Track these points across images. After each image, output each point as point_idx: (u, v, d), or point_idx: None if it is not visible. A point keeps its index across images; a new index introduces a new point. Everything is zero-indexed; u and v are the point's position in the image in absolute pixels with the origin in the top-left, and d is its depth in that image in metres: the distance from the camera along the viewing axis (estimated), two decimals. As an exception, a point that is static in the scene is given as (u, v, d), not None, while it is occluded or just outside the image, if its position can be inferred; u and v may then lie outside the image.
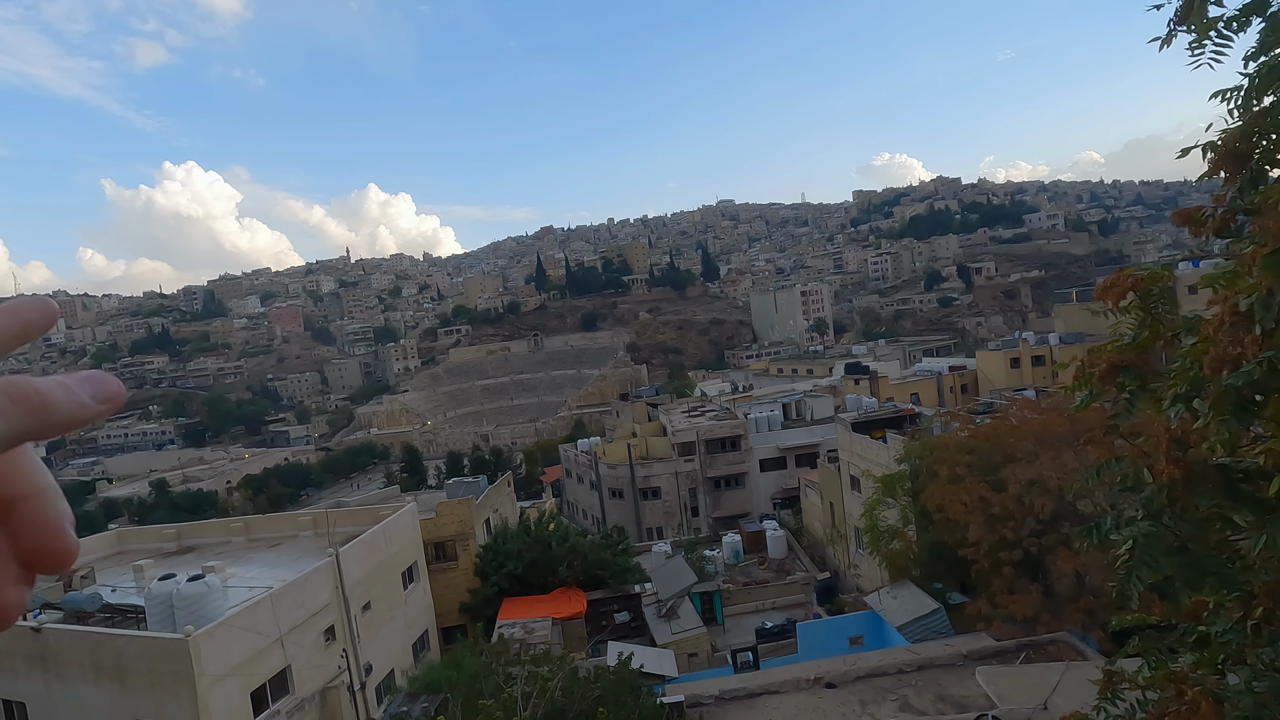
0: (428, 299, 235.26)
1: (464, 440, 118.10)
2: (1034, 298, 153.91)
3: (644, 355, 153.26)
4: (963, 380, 62.80)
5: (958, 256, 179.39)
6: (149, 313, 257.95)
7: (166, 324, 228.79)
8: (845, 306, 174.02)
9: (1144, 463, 3.97)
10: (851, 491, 31.59)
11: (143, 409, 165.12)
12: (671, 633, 25.12)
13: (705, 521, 48.40)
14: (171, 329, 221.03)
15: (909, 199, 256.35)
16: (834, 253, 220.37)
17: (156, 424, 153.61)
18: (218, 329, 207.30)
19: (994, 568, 19.09)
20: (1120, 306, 4.34)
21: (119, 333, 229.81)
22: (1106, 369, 4.36)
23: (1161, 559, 3.67)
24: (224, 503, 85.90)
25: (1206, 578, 3.73)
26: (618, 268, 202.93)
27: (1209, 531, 3.92)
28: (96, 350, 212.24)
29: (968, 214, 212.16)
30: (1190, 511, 3.77)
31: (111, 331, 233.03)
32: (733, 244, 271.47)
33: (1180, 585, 3.79)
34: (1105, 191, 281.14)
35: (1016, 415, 23.34)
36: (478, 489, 32.58)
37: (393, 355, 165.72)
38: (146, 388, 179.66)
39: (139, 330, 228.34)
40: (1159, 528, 3.71)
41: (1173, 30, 3.85)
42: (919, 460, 23.35)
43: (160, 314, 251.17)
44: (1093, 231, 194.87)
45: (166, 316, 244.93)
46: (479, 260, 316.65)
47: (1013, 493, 19.02)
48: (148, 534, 31.64)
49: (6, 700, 18.96)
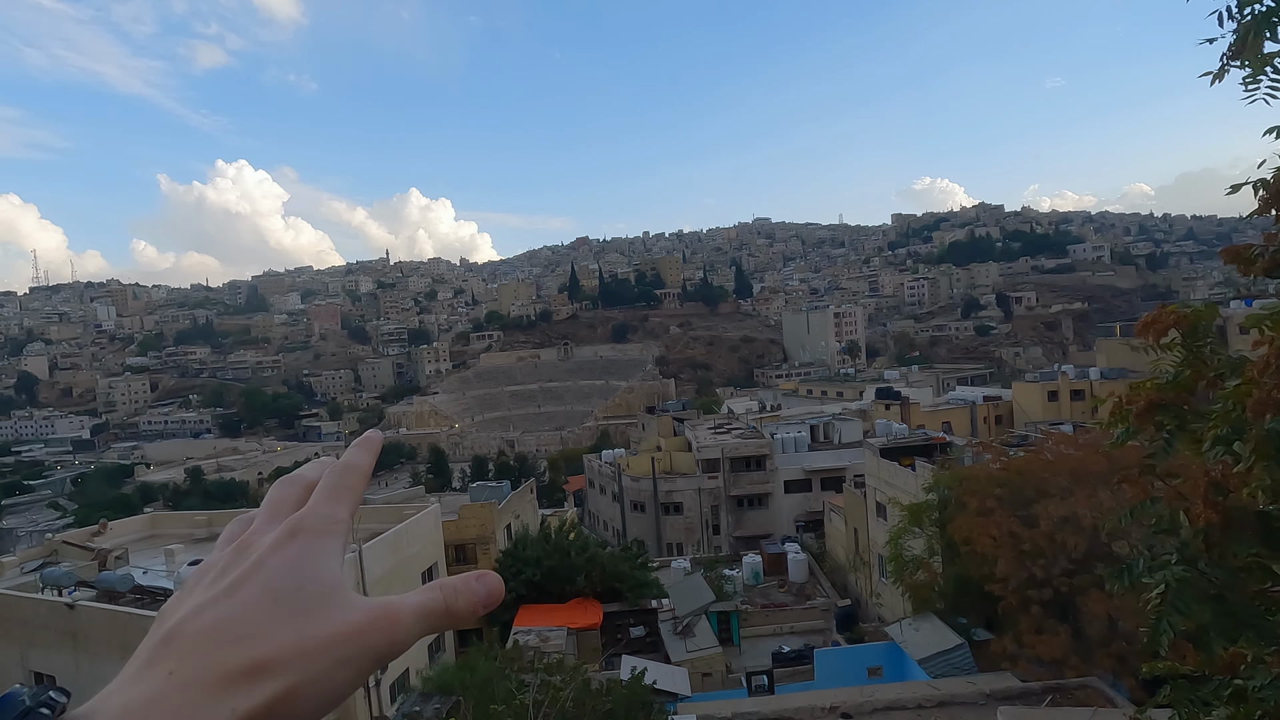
0: (462, 303, 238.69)
1: (490, 444, 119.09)
2: (1075, 330, 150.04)
3: (673, 369, 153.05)
4: (997, 411, 61.42)
5: (997, 285, 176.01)
6: (195, 304, 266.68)
7: (211, 316, 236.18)
8: (879, 330, 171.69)
9: (1180, 505, 3.85)
10: (877, 518, 31.02)
11: (183, 398, 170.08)
12: (686, 651, 24.86)
13: (726, 540, 47.95)
14: (215, 321, 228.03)
15: (949, 224, 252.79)
16: (870, 275, 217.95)
17: (195, 413, 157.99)
18: (259, 323, 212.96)
19: (1022, 605, 18.53)
20: (1161, 344, 4.23)
21: (165, 322, 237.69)
22: (1145, 407, 4.25)
23: (1195, 606, 3.54)
24: (254, 493, 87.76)
25: (1243, 629, 3.59)
26: (651, 281, 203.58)
27: (1247, 580, 3.78)
28: (143, 338, 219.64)
29: (1009, 242, 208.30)
30: (1228, 558, 3.64)
31: (159, 321, 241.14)
32: (767, 262, 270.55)
33: (1215, 635, 3.65)
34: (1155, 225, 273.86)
35: (1052, 449, 22.73)
36: (501, 494, 32.80)
37: (425, 357, 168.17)
38: (188, 377, 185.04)
39: (184, 321, 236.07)
40: (1193, 574, 3.58)
41: (1225, 65, 3.76)
42: (948, 490, 22.85)
43: (205, 306, 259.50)
44: (1140, 265, 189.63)
45: (211, 309, 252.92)
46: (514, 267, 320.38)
47: (1044, 529, 18.48)
48: (180, 519, 32.50)
49: (38, 673, 19.58)
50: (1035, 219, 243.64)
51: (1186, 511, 3.73)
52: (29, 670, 19.69)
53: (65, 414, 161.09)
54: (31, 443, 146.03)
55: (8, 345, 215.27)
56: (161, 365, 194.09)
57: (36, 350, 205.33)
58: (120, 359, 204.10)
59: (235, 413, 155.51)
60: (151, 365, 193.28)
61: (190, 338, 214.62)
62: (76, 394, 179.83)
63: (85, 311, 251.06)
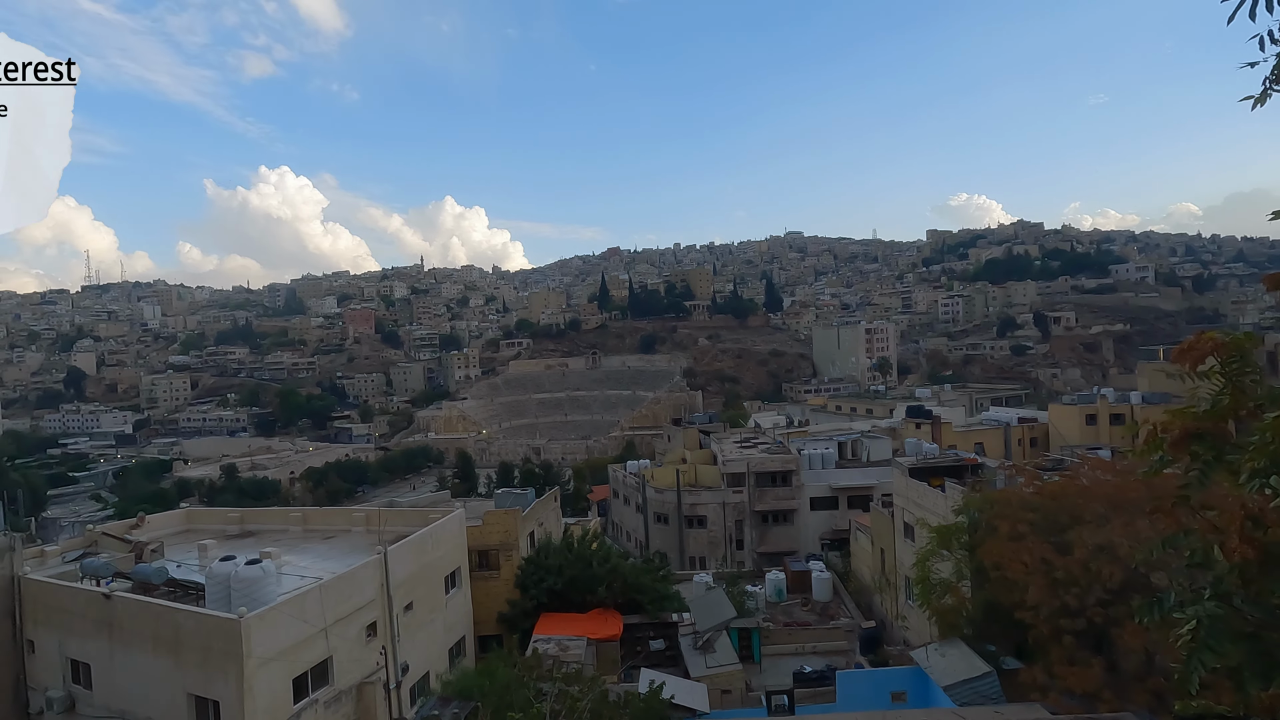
0: (493, 311, 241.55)
1: (516, 451, 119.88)
2: (1116, 352, 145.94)
3: (700, 381, 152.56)
4: (1032, 433, 59.91)
5: (1035, 304, 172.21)
6: (236, 306, 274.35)
7: (250, 318, 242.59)
8: (911, 348, 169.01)
9: (1216, 539, 3.73)
10: (904, 539, 30.43)
11: (221, 396, 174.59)
12: (706, 666, 24.60)
13: (749, 555, 47.46)
14: (254, 323, 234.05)
15: (986, 241, 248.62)
16: (903, 291, 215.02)
17: (232, 411, 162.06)
18: (296, 325, 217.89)
19: (1054, 635, 17.97)
20: (1198, 371, 4.11)
21: (207, 323, 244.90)
22: (1180, 435, 4.13)
23: (1228, 645, 3.41)
24: (286, 492, 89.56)
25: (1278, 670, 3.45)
26: (680, 292, 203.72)
27: (1285, 620, 3.63)
28: (186, 338, 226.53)
29: (1048, 260, 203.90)
30: (1264, 596, 3.51)
31: (201, 321, 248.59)
32: (798, 276, 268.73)
33: (1249, 675, 3.51)
34: (1202, 246, 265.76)
35: (1088, 475, 22.08)
36: (525, 501, 32.94)
37: (455, 363, 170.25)
38: (227, 376, 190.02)
39: (225, 322, 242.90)
40: (1226, 610, 3.46)
41: (1269, 89, 3.68)
42: (978, 513, 22.32)
43: (245, 308, 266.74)
44: (1186, 287, 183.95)
45: (251, 310, 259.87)
46: (545, 276, 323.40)
47: (1079, 557, 17.93)
48: (214, 515, 33.25)
49: (74, 660, 20.16)
50: (1076, 238, 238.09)
51: (1221, 545, 3.61)
52: (65, 657, 20.30)
53: (110, 409, 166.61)
54: (77, 436, 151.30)
55: (59, 341, 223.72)
56: (202, 364, 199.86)
57: (86, 347, 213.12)
58: (163, 357, 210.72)
59: (270, 412, 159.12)
60: (193, 364, 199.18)
61: (230, 338, 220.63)
62: (121, 390, 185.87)
63: (132, 310, 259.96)
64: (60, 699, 19.95)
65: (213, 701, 17.21)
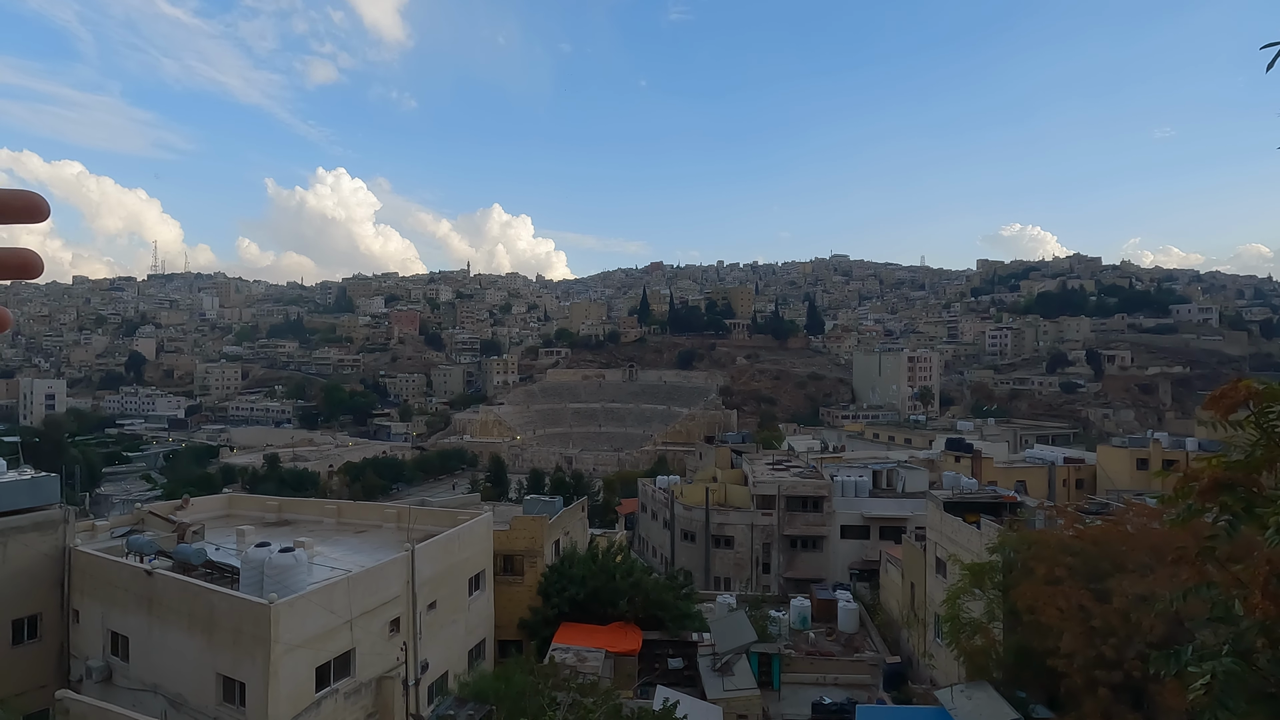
0: (534, 318, 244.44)
1: (548, 459, 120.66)
2: (1174, 396, 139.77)
3: (736, 400, 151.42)
4: (1079, 474, 57.76)
5: (1088, 341, 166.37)
6: (289, 301, 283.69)
7: (302, 313, 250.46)
8: (955, 379, 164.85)
9: (1239, 593, 3.61)
10: (936, 575, 29.62)
11: (269, 388, 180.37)
12: (724, 689, 24.29)
13: (775, 580, 46.74)
14: (305, 318, 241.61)
15: (1039, 274, 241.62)
16: (949, 321, 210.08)
17: (279, 403, 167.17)
18: (344, 323, 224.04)
19: (1088, 686, 17.28)
20: (1230, 420, 4.00)
21: (261, 316, 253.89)
22: (1209, 485, 4.02)
23: (1244, 703, 3.30)
24: (324, 484, 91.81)
25: (1298, 734, 3.31)
26: (721, 310, 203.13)
27: (1310, 683, 3.49)
28: (240, 329, 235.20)
29: (1105, 297, 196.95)
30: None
31: (255, 314, 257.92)
32: (842, 300, 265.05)
33: (1269, 738, 3.38)
34: (1273, 289, 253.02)
35: (1133, 522, 21.24)
36: (553, 509, 33.13)
37: (494, 368, 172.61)
38: (276, 368, 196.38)
39: (278, 316, 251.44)
40: (1244, 668, 3.35)
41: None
42: (1014, 553, 21.65)
43: (298, 303, 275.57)
44: (1253, 331, 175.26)
45: (303, 306, 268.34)
46: (587, 287, 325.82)
47: (1118, 606, 17.24)
48: (254, 502, 34.33)
49: (115, 632, 21.01)
50: (1135, 274, 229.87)
51: (1244, 600, 3.50)
52: (107, 629, 21.18)
53: (166, 393, 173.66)
54: (134, 417, 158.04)
55: (124, 326, 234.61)
56: (253, 355, 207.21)
57: (147, 333, 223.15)
58: (218, 347, 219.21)
59: (314, 406, 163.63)
60: (245, 355, 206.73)
61: (282, 332, 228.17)
62: (177, 376, 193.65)
63: (193, 300, 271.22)
64: (99, 668, 20.79)
65: (240, 683, 17.72)
